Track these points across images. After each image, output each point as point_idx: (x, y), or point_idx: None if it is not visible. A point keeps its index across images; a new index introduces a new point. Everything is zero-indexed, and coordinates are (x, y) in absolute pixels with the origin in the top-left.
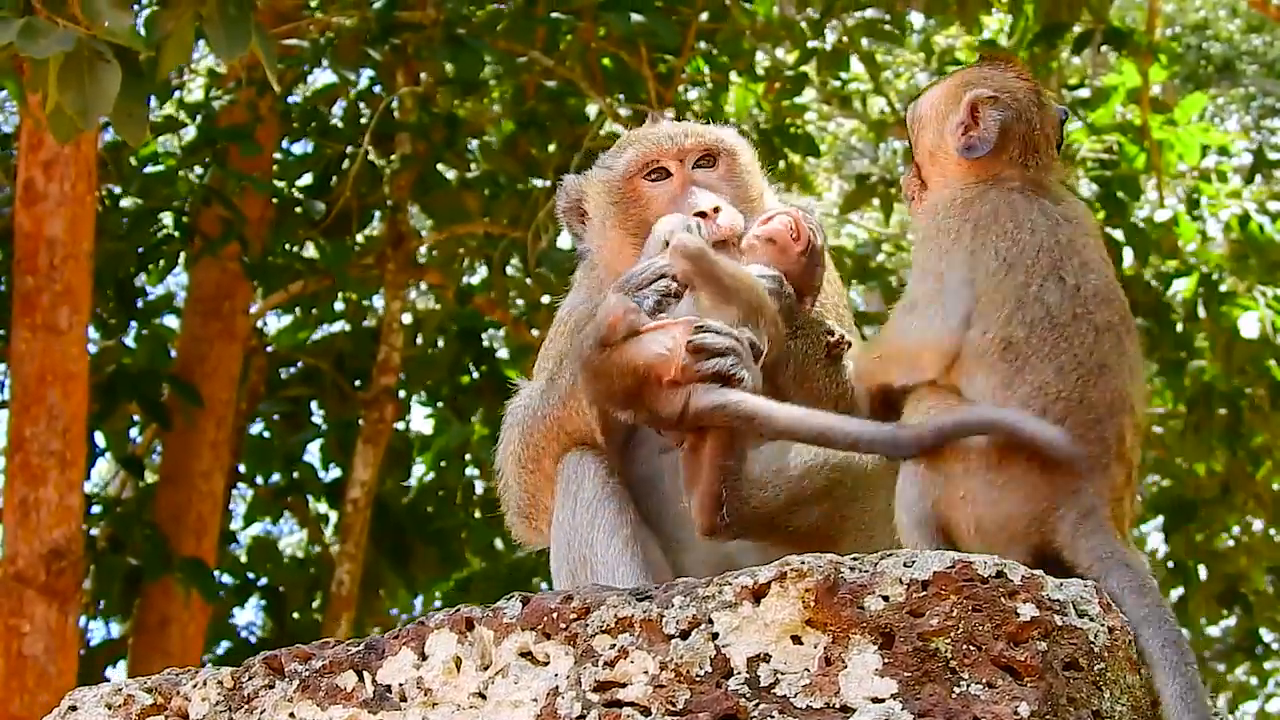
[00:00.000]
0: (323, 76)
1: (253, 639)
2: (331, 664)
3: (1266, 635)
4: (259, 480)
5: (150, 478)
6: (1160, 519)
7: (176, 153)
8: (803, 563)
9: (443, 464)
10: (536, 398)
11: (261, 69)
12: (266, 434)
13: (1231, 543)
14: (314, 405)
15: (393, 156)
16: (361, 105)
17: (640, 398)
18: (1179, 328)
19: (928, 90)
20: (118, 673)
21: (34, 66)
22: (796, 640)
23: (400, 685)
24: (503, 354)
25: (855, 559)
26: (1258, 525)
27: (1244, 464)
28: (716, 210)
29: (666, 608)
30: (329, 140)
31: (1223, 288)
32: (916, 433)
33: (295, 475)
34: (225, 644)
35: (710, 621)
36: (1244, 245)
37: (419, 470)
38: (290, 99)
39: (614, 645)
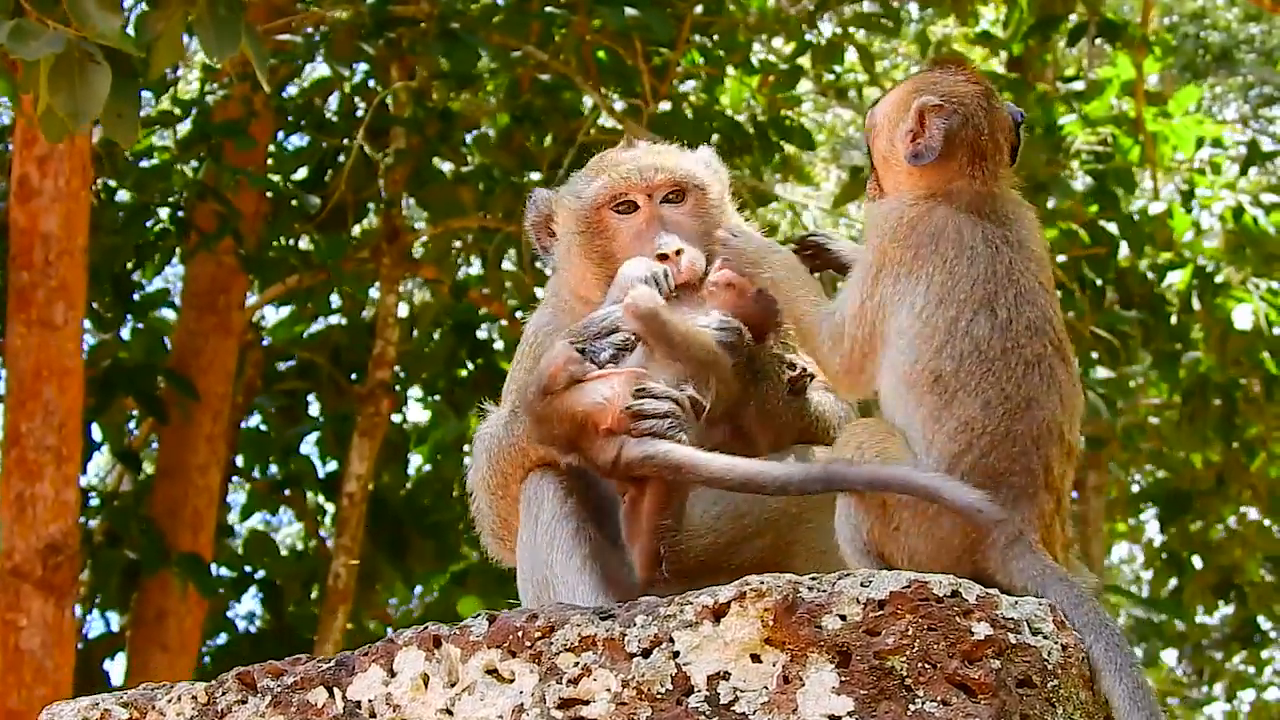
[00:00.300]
0: (318, 70)
1: (253, 629)
2: (303, 680)
3: (1264, 624)
4: (256, 473)
5: (147, 471)
6: (1156, 510)
7: (171, 147)
8: (762, 583)
9: (439, 457)
10: (501, 426)
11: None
12: (263, 427)
13: (1226, 534)
14: (311, 399)
15: (387, 151)
16: (356, 99)
17: (579, 444)
18: (1173, 320)
19: (884, 97)
20: (116, 665)
21: (25, 67)
22: (756, 659)
23: (369, 701)
24: (499, 347)
25: (813, 579)
26: (1253, 515)
27: (1239, 455)
28: (679, 253)
29: (629, 626)
30: (324, 134)
31: (1219, 279)
32: (844, 476)
33: (292, 468)
34: (223, 636)
35: (671, 640)
36: (1238, 237)
37: (416, 463)
38: (285, 93)
39: (577, 663)
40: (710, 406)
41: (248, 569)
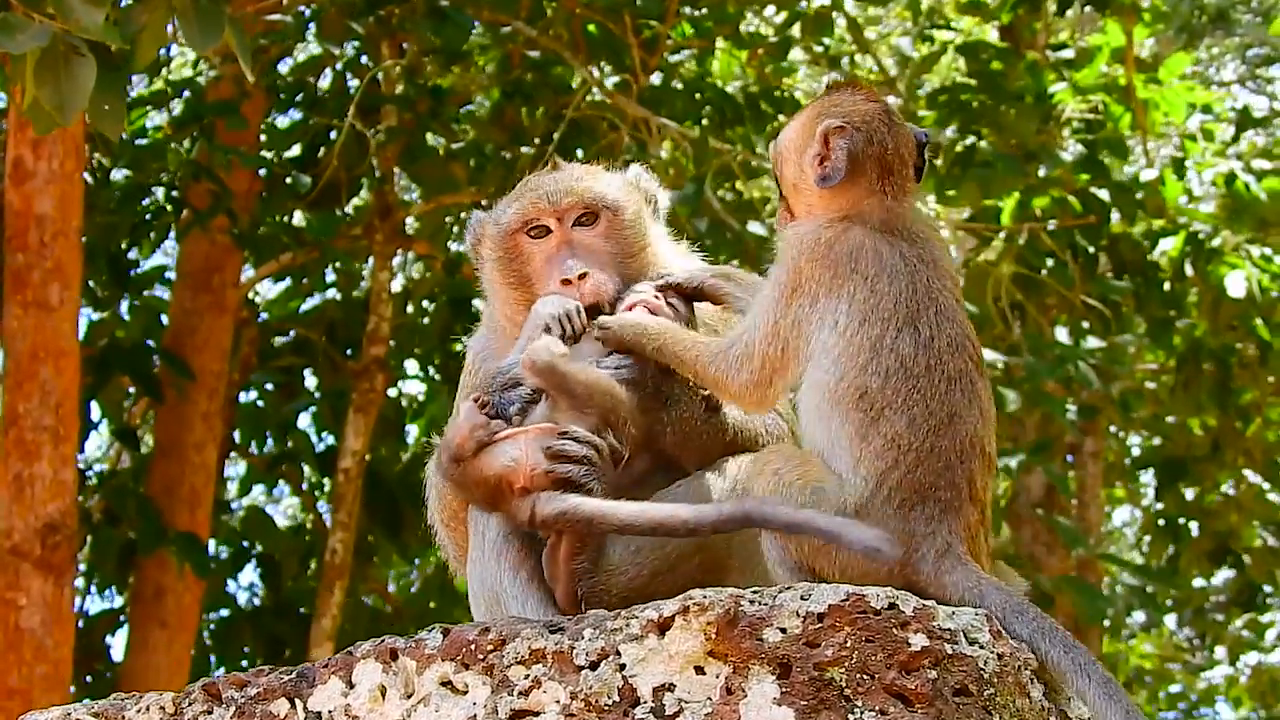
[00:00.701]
0: (309, 48)
1: (256, 601)
2: (265, 691)
3: (1266, 588)
4: (253, 449)
5: (146, 449)
6: (1152, 476)
7: (164, 127)
8: (704, 597)
9: (434, 432)
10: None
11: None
12: (260, 404)
13: (1222, 500)
14: (307, 375)
15: (379, 128)
16: (347, 77)
17: (498, 506)
18: (1166, 286)
19: (787, 124)
20: (117, 642)
21: (11, 61)
22: (699, 670)
23: (329, 712)
24: None
25: (755, 593)
26: (1254, 479)
27: (1234, 421)
28: (583, 277)
29: (577, 640)
30: (315, 113)
31: (1216, 242)
32: (759, 515)
33: (289, 444)
34: (224, 611)
35: (618, 653)
36: (1230, 202)
37: (412, 438)
38: (278, 68)
39: (528, 675)
40: (626, 446)
41: (245, 544)
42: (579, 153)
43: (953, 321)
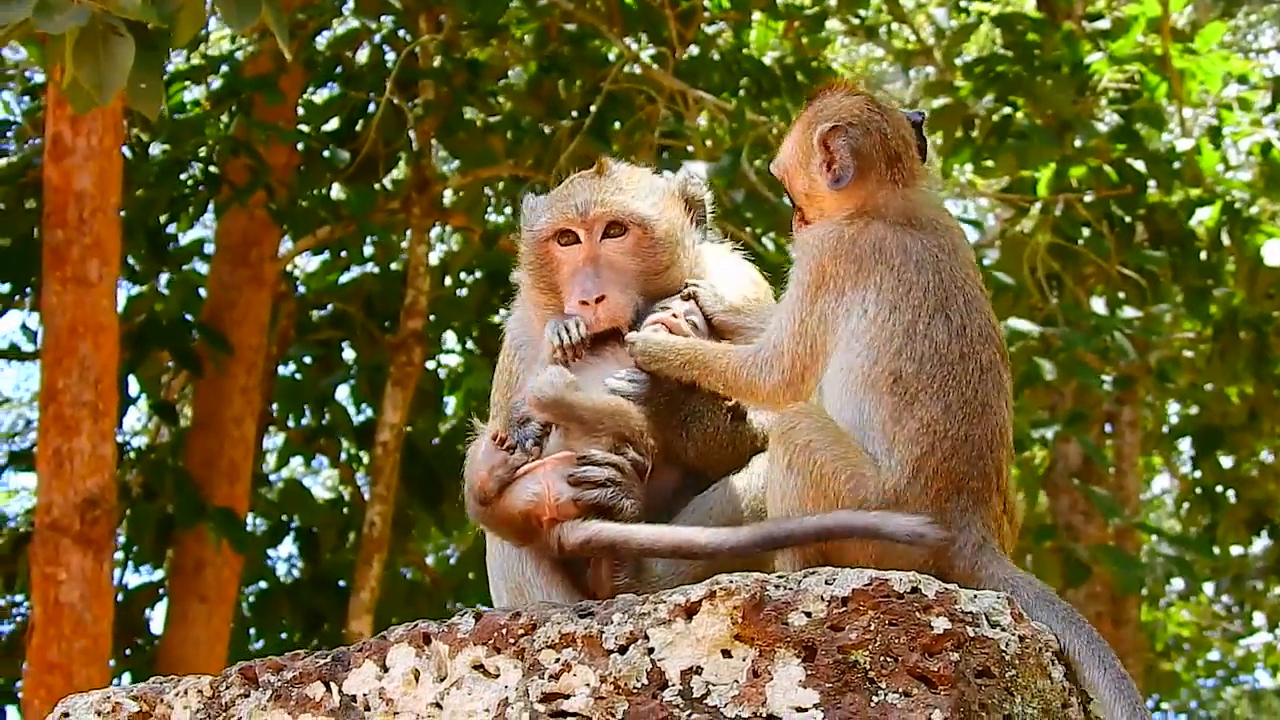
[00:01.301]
0: (347, 22)
1: (295, 573)
2: (301, 675)
3: None
4: (290, 423)
5: (183, 423)
6: (1189, 445)
7: (203, 102)
8: (731, 581)
9: (473, 404)
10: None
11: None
12: (298, 377)
13: (1259, 469)
14: (344, 348)
15: (416, 102)
16: (384, 51)
17: (529, 539)
18: (1203, 256)
19: (781, 146)
20: (156, 615)
21: (51, 41)
22: (726, 654)
23: (364, 695)
24: None
25: (780, 577)
26: None
27: (1271, 389)
28: (600, 300)
29: (606, 624)
30: (352, 87)
31: (1254, 209)
32: (782, 534)
33: (327, 417)
34: (262, 584)
35: (646, 637)
36: (1268, 170)
37: (449, 410)
38: (315, 43)
39: (558, 659)
40: (648, 458)
41: (284, 518)
42: (617, 125)
43: (980, 311)
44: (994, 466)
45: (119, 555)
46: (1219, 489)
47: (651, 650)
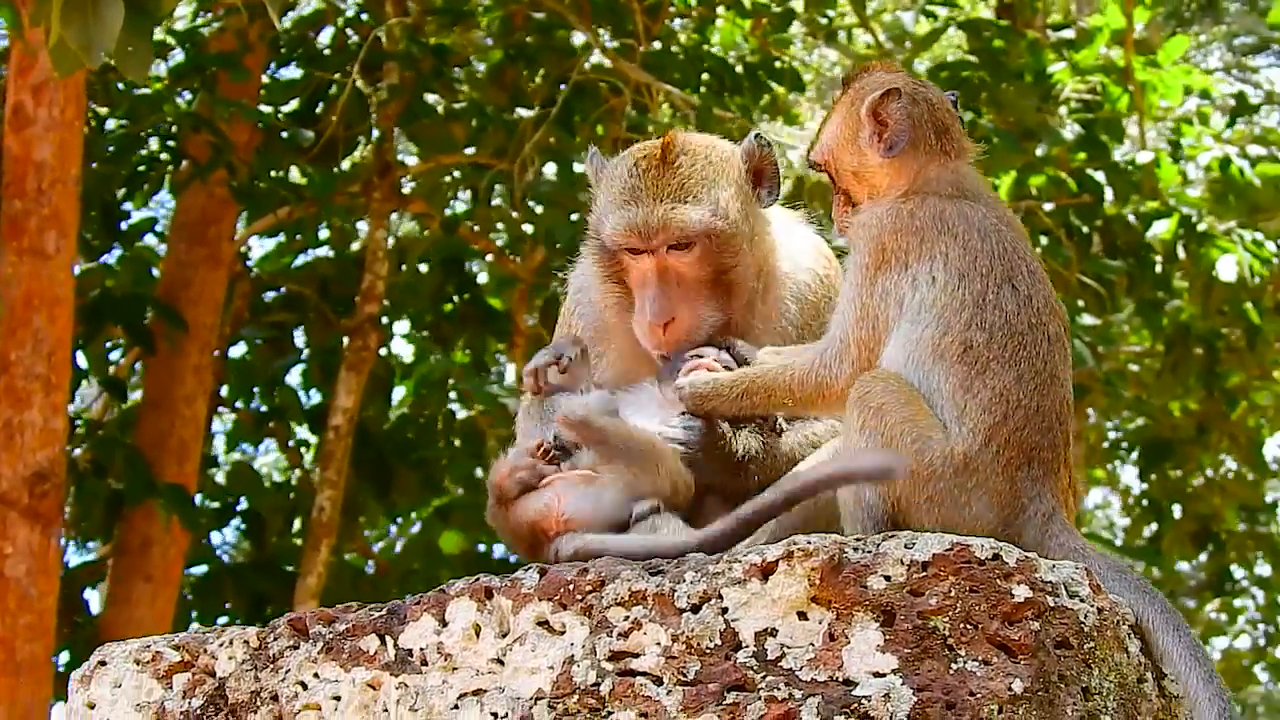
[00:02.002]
0: (312, 2)
1: (237, 556)
2: (354, 627)
3: (1237, 572)
4: (240, 405)
5: (131, 401)
6: (1136, 458)
7: (164, 78)
8: (809, 543)
9: (423, 392)
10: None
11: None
12: (249, 358)
13: (1205, 483)
14: (297, 331)
15: (380, 85)
16: (349, 33)
17: (536, 553)
18: (1158, 268)
19: (821, 128)
20: (96, 595)
21: (38, 1)
22: (802, 616)
23: (421, 650)
24: (485, 281)
25: (858, 540)
26: (1230, 464)
27: (1220, 404)
28: (669, 325)
29: (679, 582)
30: (316, 68)
31: (1203, 229)
32: (755, 512)
33: (277, 400)
34: (204, 567)
35: (720, 596)
36: (1223, 187)
37: (399, 397)
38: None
39: (628, 617)
40: (670, 489)
41: (230, 500)
42: (579, 119)
43: (1042, 282)
44: (1062, 438)
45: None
46: (1165, 503)
47: (725, 610)
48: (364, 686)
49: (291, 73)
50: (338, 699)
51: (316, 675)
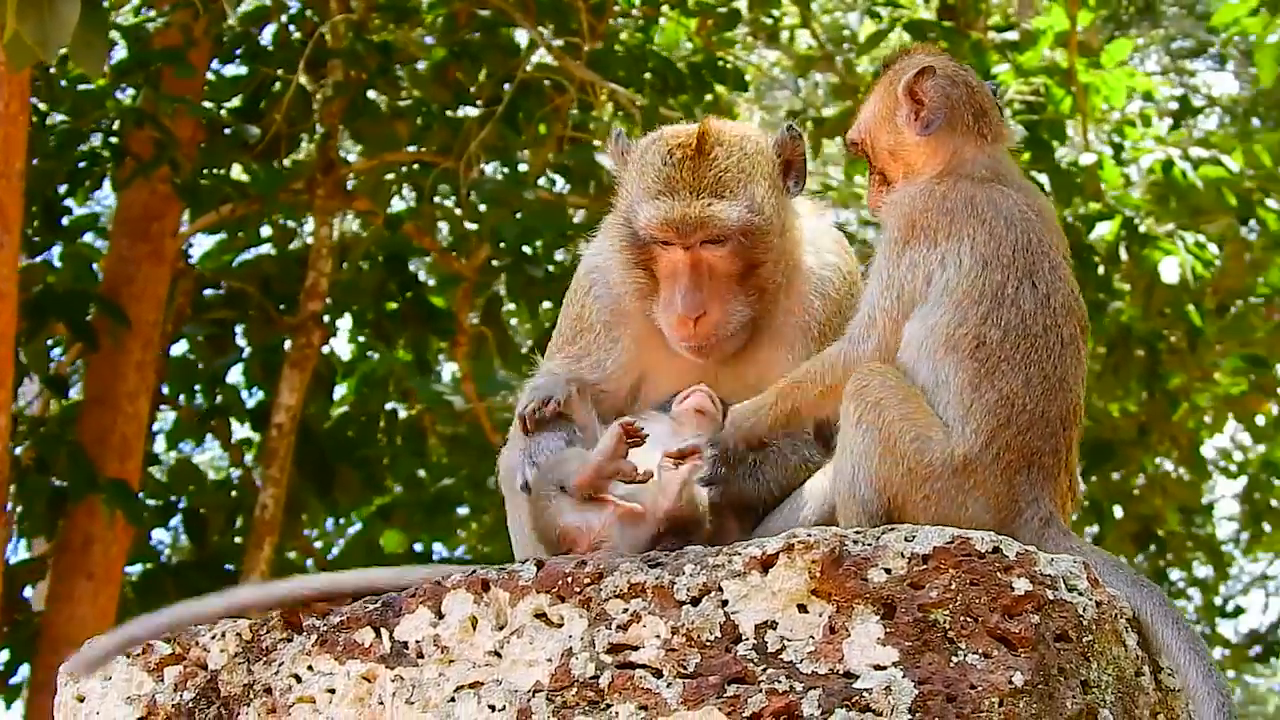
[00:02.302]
0: None
1: (173, 560)
2: (349, 619)
3: (1174, 574)
4: (182, 402)
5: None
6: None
7: (107, 73)
8: (809, 535)
9: (365, 390)
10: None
11: None
12: (190, 356)
13: (1147, 484)
14: (239, 328)
15: (325, 82)
16: (292, 29)
17: (552, 546)
18: (1100, 270)
19: (861, 108)
20: (37, 593)
21: None
22: (802, 609)
23: (417, 642)
24: (429, 281)
25: (859, 533)
26: (1168, 466)
27: (1161, 406)
28: (700, 319)
29: (678, 575)
30: (260, 64)
31: (1145, 231)
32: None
33: (219, 398)
34: (145, 564)
35: (720, 589)
36: (1165, 189)
37: (340, 395)
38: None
39: (627, 609)
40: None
41: (172, 498)
42: (523, 117)
43: (1064, 280)
44: (1065, 444)
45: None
46: (1106, 504)
47: (725, 603)
48: (359, 679)
49: (235, 69)
50: (332, 691)
51: (311, 668)
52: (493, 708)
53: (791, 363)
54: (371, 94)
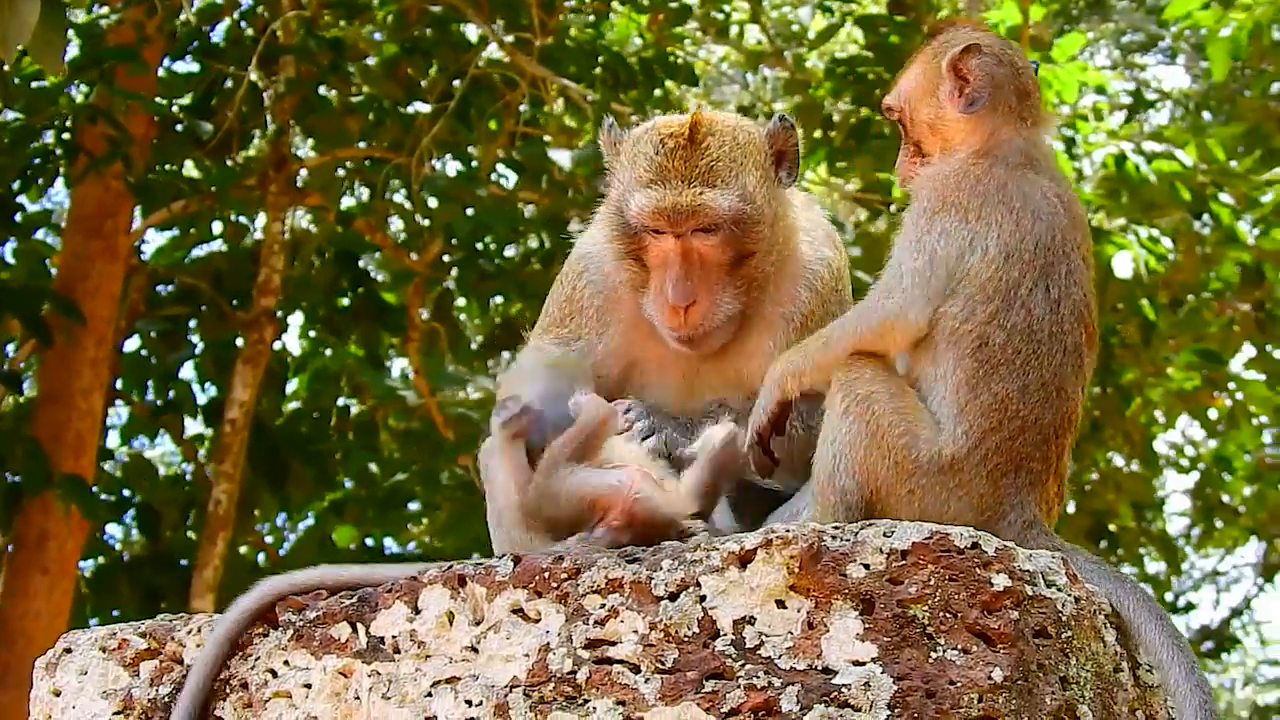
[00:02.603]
0: None
1: (127, 555)
2: (325, 615)
3: (1127, 570)
4: (135, 398)
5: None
6: None
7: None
8: (787, 530)
9: (317, 386)
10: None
11: None
12: (144, 352)
13: (1100, 479)
14: (191, 324)
15: (277, 79)
16: (244, 26)
17: (577, 526)
18: None
19: (902, 76)
20: None
21: None
22: (781, 604)
23: (394, 638)
24: (380, 277)
25: (837, 528)
26: (1121, 461)
27: (1114, 400)
28: (690, 308)
29: (655, 570)
30: (212, 60)
31: (1099, 225)
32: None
33: (172, 394)
34: (99, 559)
35: (698, 584)
36: (1117, 183)
37: (294, 390)
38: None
39: (604, 605)
40: None
41: (126, 493)
42: (474, 113)
43: (1079, 285)
44: (1056, 451)
45: None
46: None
47: (703, 598)
48: (335, 674)
49: (188, 66)
50: (308, 687)
51: (287, 663)
52: (469, 703)
53: (776, 354)
54: (323, 90)
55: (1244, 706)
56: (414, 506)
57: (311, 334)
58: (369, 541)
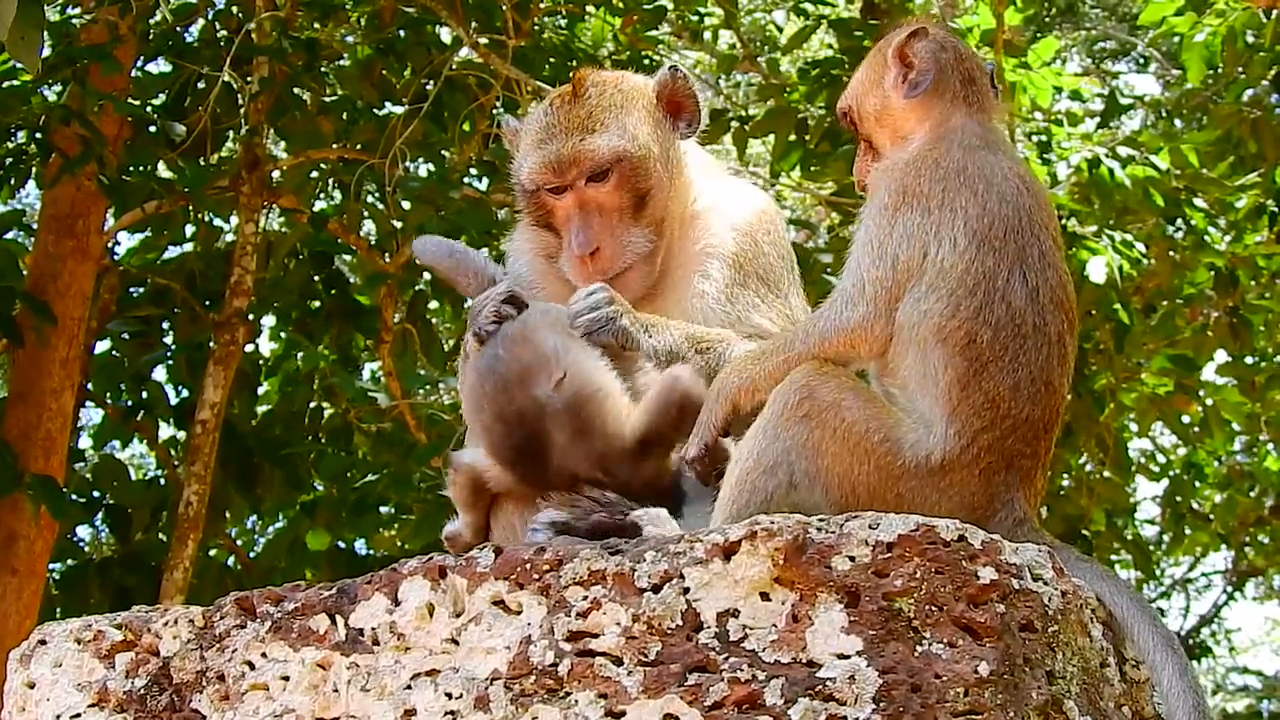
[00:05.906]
0: None
1: (100, 551)
2: (304, 606)
3: None
4: (108, 399)
5: None
6: None
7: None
8: (772, 522)
9: (289, 388)
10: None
11: None
12: (115, 353)
13: (1074, 483)
14: (163, 326)
15: (250, 79)
16: (218, 26)
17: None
18: None
19: (851, 80)
20: None
21: None
22: (765, 597)
23: (373, 629)
24: (353, 279)
25: (822, 520)
26: (1090, 466)
27: (1088, 405)
28: (594, 254)
29: (639, 562)
30: (186, 61)
31: (1073, 229)
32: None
33: (144, 395)
34: (69, 560)
35: (682, 576)
36: (1090, 188)
37: (263, 392)
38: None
39: (586, 597)
40: None
41: (96, 494)
42: (448, 115)
43: (1053, 266)
44: (1044, 446)
45: None
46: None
47: (687, 590)
48: (314, 666)
49: (161, 66)
50: (286, 679)
51: (264, 655)
52: (450, 695)
53: (709, 288)
54: (297, 91)
55: (1214, 714)
56: (386, 509)
57: (284, 335)
58: (340, 544)
